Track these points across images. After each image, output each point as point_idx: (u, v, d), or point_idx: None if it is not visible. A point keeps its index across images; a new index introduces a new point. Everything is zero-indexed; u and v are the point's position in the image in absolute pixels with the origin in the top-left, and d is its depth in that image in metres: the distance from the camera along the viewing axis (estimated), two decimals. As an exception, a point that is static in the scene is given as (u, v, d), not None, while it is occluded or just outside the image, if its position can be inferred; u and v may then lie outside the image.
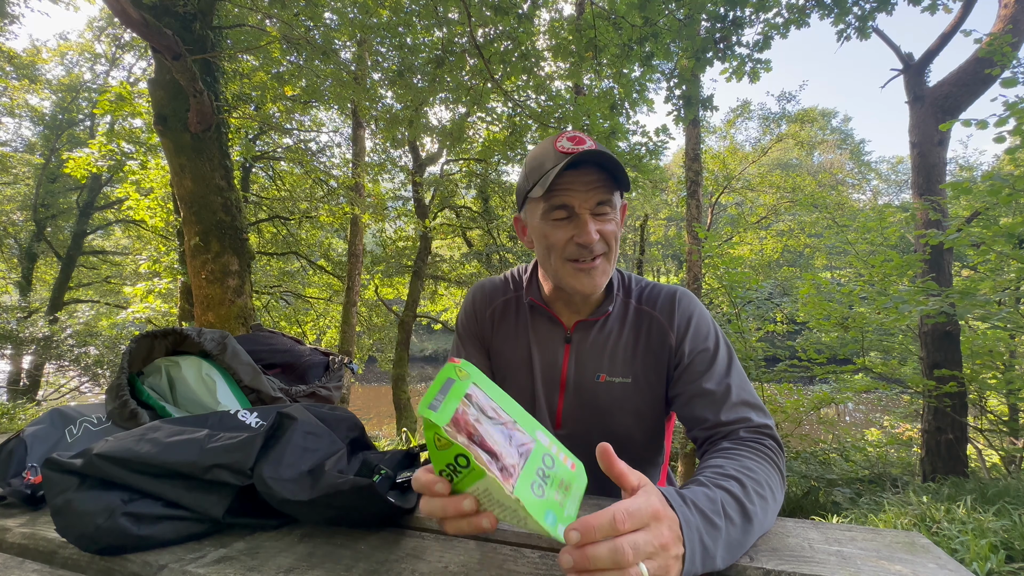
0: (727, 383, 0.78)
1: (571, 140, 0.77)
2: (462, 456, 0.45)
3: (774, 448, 0.72)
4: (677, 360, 0.84)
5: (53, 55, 11.43)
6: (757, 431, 0.74)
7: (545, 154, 0.79)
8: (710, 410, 0.77)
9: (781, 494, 0.67)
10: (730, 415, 0.75)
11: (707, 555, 0.51)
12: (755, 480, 0.63)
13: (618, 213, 0.82)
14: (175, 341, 1.06)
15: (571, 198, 0.78)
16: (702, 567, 0.50)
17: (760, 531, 0.61)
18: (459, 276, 11.16)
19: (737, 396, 0.77)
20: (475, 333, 0.98)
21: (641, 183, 5.91)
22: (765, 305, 6.13)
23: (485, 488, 0.45)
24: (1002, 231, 3.61)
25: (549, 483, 0.47)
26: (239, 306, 3.66)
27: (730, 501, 0.58)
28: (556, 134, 0.80)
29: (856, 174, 22.68)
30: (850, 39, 3.81)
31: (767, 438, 0.72)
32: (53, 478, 0.64)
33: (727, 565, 0.54)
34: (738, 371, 0.81)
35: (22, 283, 11.80)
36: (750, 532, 0.58)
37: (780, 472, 0.69)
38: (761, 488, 0.63)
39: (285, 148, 9.68)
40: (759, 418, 0.75)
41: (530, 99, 5.46)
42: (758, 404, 0.77)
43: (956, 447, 4.17)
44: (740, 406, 0.76)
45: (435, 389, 0.48)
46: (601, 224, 0.79)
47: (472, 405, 0.49)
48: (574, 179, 0.77)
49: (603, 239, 0.80)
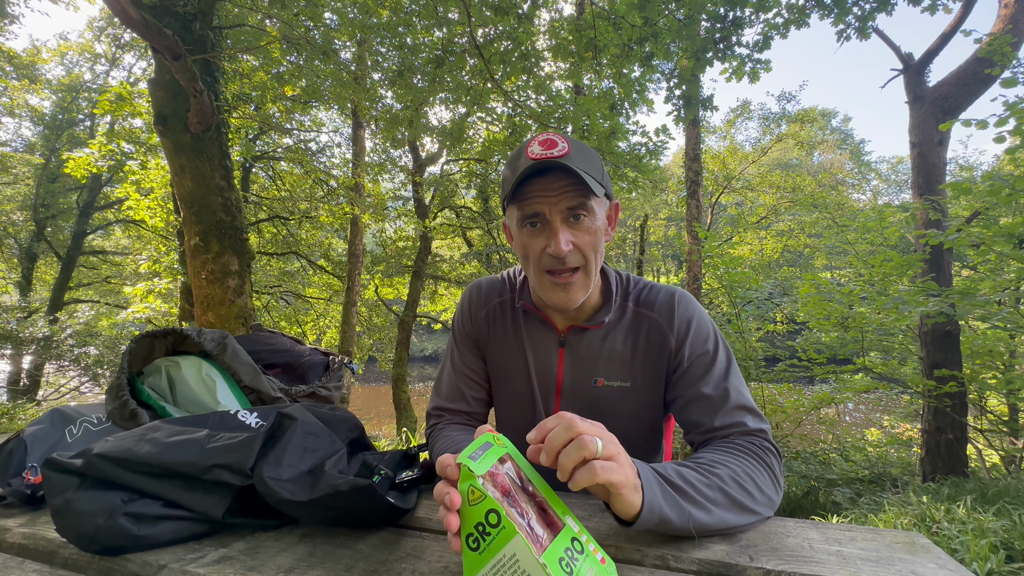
0: (724, 387, 0.78)
1: (542, 145, 0.73)
2: (493, 513, 0.45)
3: (767, 449, 0.71)
4: (676, 364, 0.83)
5: (53, 55, 11.42)
6: (752, 435, 0.73)
7: (518, 160, 0.76)
8: (706, 415, 0.76)
9: (772, 492, 0.67)
10: (725, 420, 0.75)
11: (665, 491, 0.57)
12: (731, 470, 0.65)
13: (600, 216, 0.79)
14: (175, 341, 1.06)
15: (541, 205, 0.75)
16: (663, 499, 0.56)
17: (737, 515, 0.62)
18: (459, 276, 11.16)
19: (734, 401, 0.77)
20: (470, 335, 0.97)
21: (641, 183, 5.91)
22: (765, 305, 6.12)
23: (512, 554, 0.44)
24: (1002, 231, 3.60)
25: (577, 567, 0.46)
26: (239, 306, 3.66)
27: (692, 472, 0.62)
28: (532, 137, 0.77)
29: (856, 174, 22.67)
30: (850, 39, 3.81)
31: (761, 440, 0.72)
32: (53, 478, 0.64)
33: (689, 522, 0.58)
34: (736, 375, 0.81)
35: (22, 283, 11.80)
36: (716, 504, 0.61)
37: (770, 470, 0.69)
38: (738, 477, 0.65)
39: (285, 148, 9.68)
40: (755, 423, 0.75)
41: (530, 99, 5.46)
42: (755, 409, 0.77)
43: (956, 447, 4.17)
44: (736, 411, 0.76)
45: (474, 447, 0.49)
46: (576, 233, 0.76)
47: (507, 471, 0.50)
48: (544, 185, 0.74)
49: (578, 250, 0.76)
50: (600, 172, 0.77)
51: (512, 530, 0.44)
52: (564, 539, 0.47)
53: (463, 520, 0.47)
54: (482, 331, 0.96)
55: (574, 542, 0.48)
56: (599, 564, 0.49)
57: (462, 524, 0.47)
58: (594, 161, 0.77)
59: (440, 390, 0.97)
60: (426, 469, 0.81)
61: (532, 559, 0.43)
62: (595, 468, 0.49)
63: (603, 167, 0.79)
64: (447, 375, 0.97)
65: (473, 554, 0.46)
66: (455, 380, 0.96)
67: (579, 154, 0.74)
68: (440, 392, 0.97)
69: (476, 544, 0.46)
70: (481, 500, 0.45)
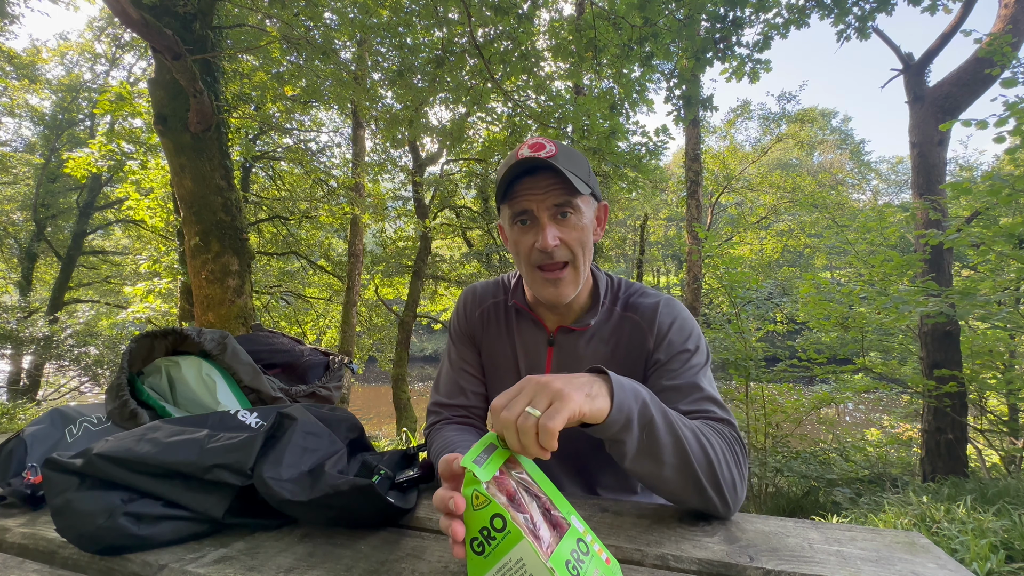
0: (696, 380, 0.79)
1: (531, 148, 0.77)
2: (498, 517, 0.45)
3: (737, 440, 0.72)
4: (654, 361, 0.84)
5: (53, 55, 11.42)
6: (721, 423, 0.74)
7: (509, 162, 0.80)
8: (674, 402, 0.76)
9: (738, 478, 0.67)
10: (693, 406, 0.76)
11: (632, 381, 0.62)
12: (698, 427, 0.67)
13: (587, 214, 0.82)
14: (175, 341, 1.06)
15: (529, 202, 0.79)
16: (634, 400, 0.60)
17: (697, 460, 0.64)
18: (459, 276, 11.15)
19: (705, 392, 0.77)
20: (466, 332, 1.00)
21: (641, 183, 5.91)
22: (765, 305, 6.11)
23: (519, 558, 0.44)
24: (1002, 231, 3.60)
25: (584, 569, 0.46)
26: (239, 306, 3.66)
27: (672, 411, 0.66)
28: (523, 142, 0.81)
29: (856, 174, 22.68)
30: (850, 39, 3.81)
31: (730, 431, 0.72)
32: (53, 478, 0.64)
33: (653, 421, 0.61)
34: (708, 375, 0.82)
35: (22, 283, 11.80)
36: (681, 441, 0.63)
37: (736, 459, 0.69)
38: (711, 441, 0.66)
39: (285, 148, 9.68)
40: (723, 414, 0.75)
41: (530, 99, 5.46)
42: (723, 404, 0.77)
43: (956, 447, 4.17)
44: (705, 400, 0.76)
45: (478, 449, 0.49)
46: (563, 229, 0.80)
47: (512, 474, 0.50)
48: (533, 184, 0.78)
49: (565, 245, 0.80)
50: (587, 173, 0.81)
51: (518, 534, 0.44)
52: (570, 540, 0.47)
53: (467, 524, 0.47)
54: (476, 329, 0.99)
55: (579, 543, 0.48)
56: (604, 564, 0.49)
57: (467, 528, 0.47)
58: (581, 163, 0.81)
59: (439, 387, 1.00)
60: (426, 469, 0.81)
61: (539, 563, 0.43)
62: (546, 429, 0.49)
63: (590, 170, 0.83)
64: (445, 372, 1.00)
65: (478, 558, 0.46)
66: (453, 376, 0.99)
67: (566, 157, 0.78)
68: (439, 389, 1.00)
69: (481, 548, 0.46)
70: (486, 505, 0.45)
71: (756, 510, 4.12)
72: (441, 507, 0.47)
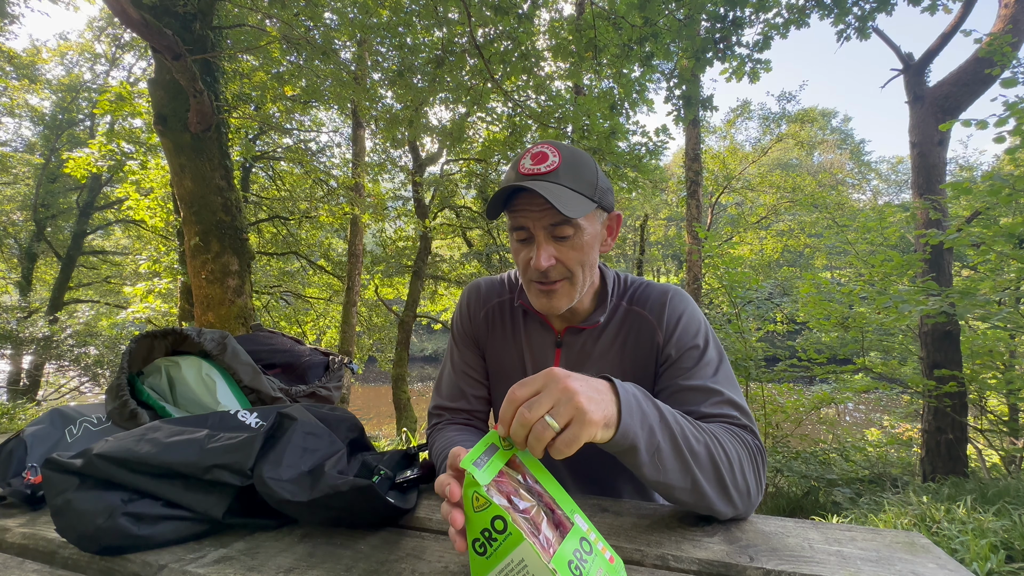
0: (715, 380, 0.77)
1: (534, 159, 0.74)
2: (499, 519, 0.44)
3: (758, 448, 0.70)
4: (664, 357, 0.82)
5: (53, 55, 11.41)
6: (743, 429, 0.72)
7: (511, 171, 0.77)
8: (695, 404, 0.74)
9: (754, 486, 0.67)
10: (714, 409, 0.73)
11: (645, 399, 0.60)
12: (721, 440, 0.65)
13: (589, 230, 0.78)
14: (175, 341, 1.06)
15: (526, 219, 0.76)
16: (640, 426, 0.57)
17: (707, 479, 0.62)
18: (459, 276, 11.15)
19: (726, 396, 0.75)
20: (469, 334, 0.98)
21: (641, 183, 5.91)
22: (765, 305, 6.12)
23: (520, 559, 0.44)
24: (1002, 231, 3.60)
25: (586, 568, 0.46)
26: (239, 306, 3.66)
27: (686, 422, 0.64)
28: (529, 148, 0.78)
29: (856, 174, 22.68)
30: (850, 39, 3.81)
31: (752, 438, 0.71)
32: (53, 478, 0.64)
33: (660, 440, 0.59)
34: (727, 373, 0.79)
35: (22, 283, 11.79)
36: (689, 465, 0.61)
37: (755, 465, 0.68)
38: (727, 450, 0.65)
39: (285, 148, 9.68)
40: (744, 420, 0.73)
41: (530, 99, 5.46)
42: (745, 409, 0.75)
43: (956, 447, 4.16)
44: (727, 404, 0.74)
45: (479, 450, 0.49)
46: (560, 248, 0.76)
47: (513, 474, 0.50)
48: (530, 200, 0.75)
49: (561, 264, 0.77)
50: (592, 186, 0.76)
51: (519, 536, 0.43)
52: (573, 540, 0.47)
53: (468, 526, 0.47)
54: (481, 331, 0.97)
55: (583, 542, 0.48)
56: (608, 563, 0.49)
57: (468, 530, 0.47)
58: (586, 175, 0.76)
59: (441, 390, 0.98)
60: (426, 469, 0.81)
61: (541, 564, 0.43)
62: (560, 452, 0.49)
63: (598, 179, 0.78)
64: (447, 374, 0.98)
65: (480, 559, 0.46)
66: (455, 379, 0.97)
67: (569, 170, 0.74)
68: (441, 392, 0.98)
69: (483, 549, 0.46)
70: (486, 507, 0.45)
71: (756, 510, 4.12)
72: (440, 492, 0.49)
